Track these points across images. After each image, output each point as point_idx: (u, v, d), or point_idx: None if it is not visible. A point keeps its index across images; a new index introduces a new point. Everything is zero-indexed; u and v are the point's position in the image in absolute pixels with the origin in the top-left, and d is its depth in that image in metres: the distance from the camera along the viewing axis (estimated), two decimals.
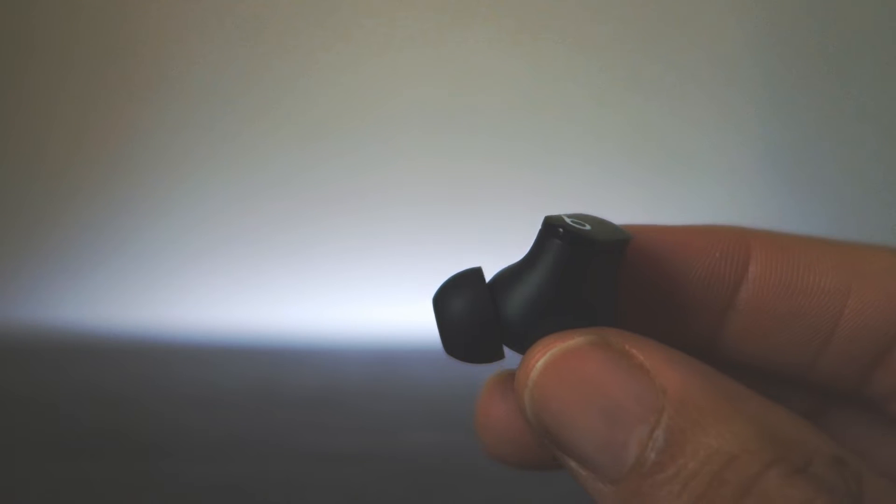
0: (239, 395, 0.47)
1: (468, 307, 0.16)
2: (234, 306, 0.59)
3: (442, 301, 0.16)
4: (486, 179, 0.60)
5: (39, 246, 0.60)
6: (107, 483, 0.35)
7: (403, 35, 0.60)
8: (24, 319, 0.59)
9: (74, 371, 0.52)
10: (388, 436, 0.41)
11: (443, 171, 0.60)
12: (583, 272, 0.15)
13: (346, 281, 0.60)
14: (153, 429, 0.42)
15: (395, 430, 0.41)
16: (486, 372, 0.15)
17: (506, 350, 0.16)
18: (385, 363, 0.54)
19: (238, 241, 0.60)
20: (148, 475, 0.36)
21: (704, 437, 0.12)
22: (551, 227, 0.15)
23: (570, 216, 0.16)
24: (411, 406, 0.45)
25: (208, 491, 0.35)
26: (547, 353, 0.14)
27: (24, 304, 0.59)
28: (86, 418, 0.43)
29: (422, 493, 0.34)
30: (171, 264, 0.60)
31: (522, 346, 0.15)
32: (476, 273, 0.16)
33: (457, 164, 0.60)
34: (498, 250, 0.59)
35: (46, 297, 0.59)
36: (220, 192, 0.60)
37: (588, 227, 0.15)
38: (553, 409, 0.13)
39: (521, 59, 0.60)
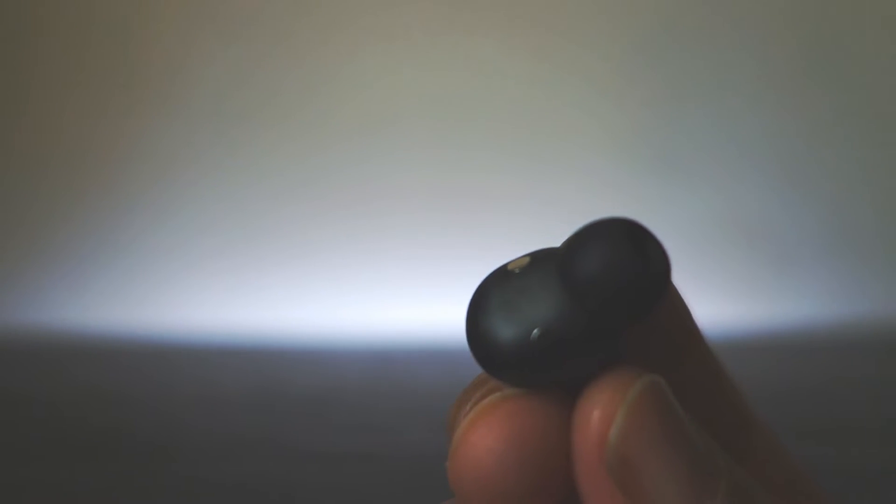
0: (240, 396, 0.47)
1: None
2: (235, 309, 0.59)
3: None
4: (486, 183, 0.60)
5: (44, 250, 0.60)
6: (108, 483, 0.36)
7: (407, 38, 0.60)
8: (29, 322, 0.59)
9: (77, 372, 0.52)
10: (388, 436, 0.41)
11: (443, 175, 0.60)
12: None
13: (346, 283, 0.60)
14: (155, 429, 0.42)
15: (395, 430, 0.42)
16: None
17: None
18: (385, 364, 0.54)
19: (239, 246, 0.60)
20: (149, 474, 0.37)
21: (756, 498, 0.12)
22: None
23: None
24: (411, 406, 0.45)
25: (209, 490, 0.35)
26: (642, 379, 0.13)
27: (28, 307, 0.59)
28: (88, 419, 0.43)
29: (422, 493, 0.34)
30: (174, 268, 0.60)
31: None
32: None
33: (457, 170, 0.60)
34: (497, 251, 0.59)
35: (50, 300, 0.60)
36: (223, 198, 0.60)
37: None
38: (648, 436, 0.12)
39: (522, 62, 0.60)
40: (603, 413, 0.12)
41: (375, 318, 0.58)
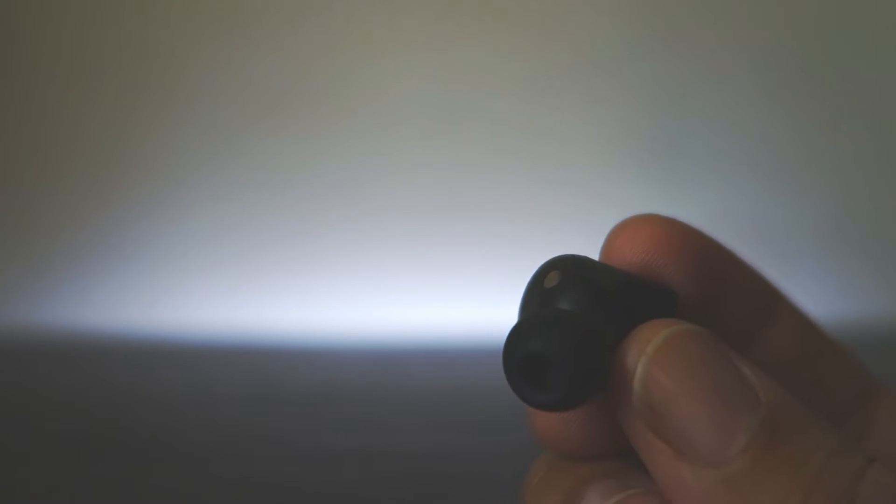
0: (238, 396, 0.47)
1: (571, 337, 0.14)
2: (234, 308, 0.59)
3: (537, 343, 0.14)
4: (486, 185, 0.60)
5: (44, 250, 0.60)
6: (108, 483, 0.36)
7: (405, 38, 0.60)
8: (40, 321, 0.59)
9: (76, 372, 0.52)
10: (387, 436, 0.41)
11: (443, 177, 0.60)
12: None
13: (345, 282, 0.60)
14: (153, 429, 0.42)
15: (394, 430, 0.42)
16: (484, 371, 0.15)
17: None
18: (384, 364, 0.54)
19: (238, 244, 0.60)
20: (148, 475, 0.37)
21: (806, 434, 0.13)
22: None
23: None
24: (410, 406, 0.45)
25: (208, 491, 0.35)
26: (668, 329, 0.14)
27: (28, 307, 0.59)
28: (86, 419, 0.43)
29: (421, 493, 0.34)
30: (172, 267, 0.60)
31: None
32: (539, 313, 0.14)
33: (457, 173, 0.60)
34: (496, 250, 0.59)
35: (49, 300, 0.60)
36: (222, 197, 0.60)
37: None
38: (669, 383, 0.13)
39: (517, 61, 0.60)
40: (629, 364, 0.14)
41: (375, 318, 0.58)
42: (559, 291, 0.14)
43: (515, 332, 0.14)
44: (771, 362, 0.16)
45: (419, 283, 0.59)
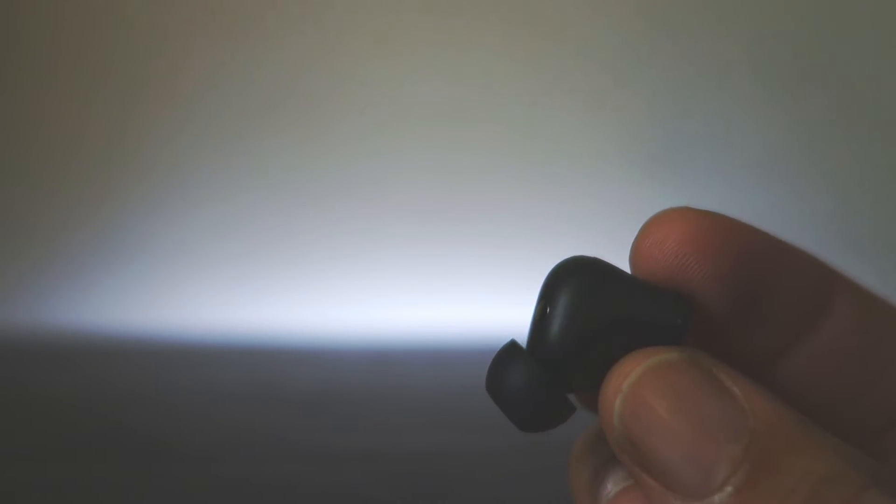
0: (239, 395, 0.47)
1: (518, 373, 0.15)
2: (234, 308, 0.59)
3: (494, 383, 0.16)
4: (485, 186, 0.60)
5: (44, 250, 0.60)
6: (108, 483, 0.36)
7: (406, 39, 0.60)
8: (29, 322, 0.59)
9: (76, 372, 0.52)
10: (387, 436, 0.41)
11: (442, 174, 0.60)
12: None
13: (345, 282, 0.60)
14: (154, 429, 0.42)
15: (394, 430, 0.42)
16: (484, 371, 0.15)
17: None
18: (384, 364, 0.54)
19: (238, 244, 0.60)
20: (148, 475, 0.37)
21: (796, 460, 0.12)
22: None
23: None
24: (410, 406, 0.45)
25: (208, 491, 0.35)
26: (644, 363, 0.14)
27: (28, 307, 0.59)
28: (87, 418, 0.43)
29: (421, 492, 0.34)
30: (172, 267, 0.60)
31: (593, 379, 0.15)
32: (509, 344, 0.15)
33: (457, 174, 0.60)
34: (495, 250, 0.59)
35: (49, 300, 0.60)
36: (222, 197, 0.60)
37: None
38: (645, 418, 0.13)
39: (518, 62, 0.60)
40: (608, 400, 0.14)
41: (375, 318, 0.58)
42: (547, 325, 0.15)
43: (488, 370, 0.15)
44: (826, 355, 0.16)
45: (419, 283, 0.59)
